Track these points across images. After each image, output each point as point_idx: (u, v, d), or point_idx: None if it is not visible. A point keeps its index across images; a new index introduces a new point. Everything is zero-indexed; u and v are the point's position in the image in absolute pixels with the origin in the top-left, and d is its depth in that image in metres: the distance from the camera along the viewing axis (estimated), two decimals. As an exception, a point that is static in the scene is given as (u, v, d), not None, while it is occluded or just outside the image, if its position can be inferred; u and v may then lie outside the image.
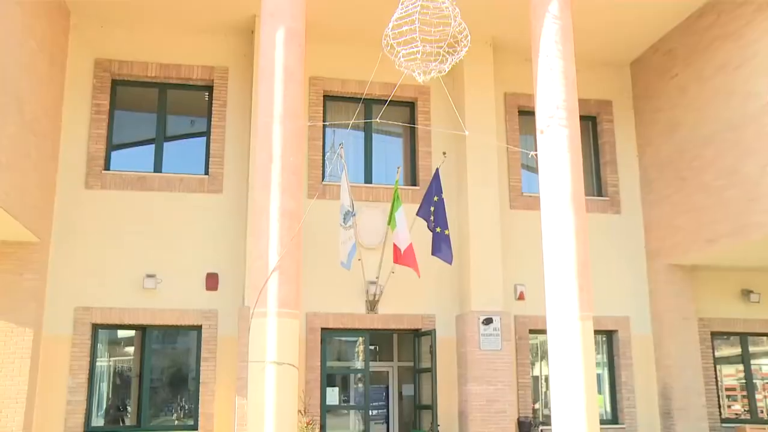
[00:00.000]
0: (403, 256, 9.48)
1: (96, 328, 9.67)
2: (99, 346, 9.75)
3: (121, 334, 10.11)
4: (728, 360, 11.56)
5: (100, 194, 9.93)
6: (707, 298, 11.31)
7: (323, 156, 10.65)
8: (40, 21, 9.00)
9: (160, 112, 10.53)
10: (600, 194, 11.72)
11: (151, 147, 10.46)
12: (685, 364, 10.78)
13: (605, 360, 11.19)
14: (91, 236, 9.76)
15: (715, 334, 11.37)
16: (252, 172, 9.53)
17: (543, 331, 8.49)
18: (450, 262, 9.71)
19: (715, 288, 11.38)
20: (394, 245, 9.70)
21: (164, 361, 10.00)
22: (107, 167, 10.15)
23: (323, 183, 10.38)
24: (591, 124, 12.00)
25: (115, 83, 10.42)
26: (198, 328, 9.86)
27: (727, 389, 11.44)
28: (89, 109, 10.13)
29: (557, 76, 7.38)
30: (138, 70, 10.36)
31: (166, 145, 10.50)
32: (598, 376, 11.05)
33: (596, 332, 9.88)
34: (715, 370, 11.27)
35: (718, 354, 11.44)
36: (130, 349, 10.12)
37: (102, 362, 9.82)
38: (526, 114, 11.34)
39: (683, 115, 10.74)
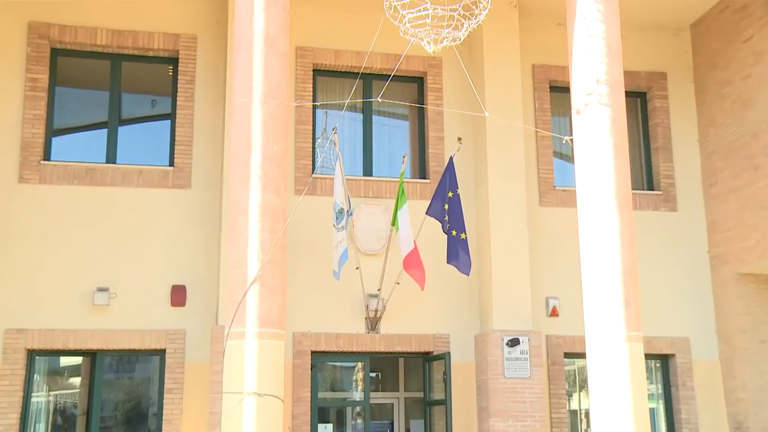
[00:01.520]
0: (404, 263, 9.55)
1: (32, 354, 9.69)
2: (36, 377, 9.78)
3: (65, 361, 10.17)
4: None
5: (37, 189, 9.97)
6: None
7: (313, 143, 10.72)
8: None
9: (113, 90, 10.58)
10: (651, 187, 11.79)
11: (103, 132, 10.51)
12: (764, 397, 10.66)
13: (660, 391, 11.25)
14: (27, 241, 9.79)
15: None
16: (227, 163, 9.59)
17: (581, 355, 8.50)
18: (467, 273, 9.78)
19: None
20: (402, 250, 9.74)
21: (119, 394, 10.06)
22: (47, 157, 10.21)
23: (313, 176, 10.44)
24: (640, 102, 12.06)
25: (56, 53, 10.45)
26: (161, 353, 9.93)
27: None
28: (22, 85, 10.11)
29: (597, 43, 7.42)
30: (84, 37, 10.41)
31: (122, 130, 10.56)
32: (651, 411, 11.06)
33: (648, 357, 9.92)
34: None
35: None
36: (76, 381, 10.19)
37: (39, 397, 9.84)
38: (560, 90, 11.40)
39: (758, 89, 10.66)
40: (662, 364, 11.27)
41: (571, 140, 7.52)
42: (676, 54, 12.07)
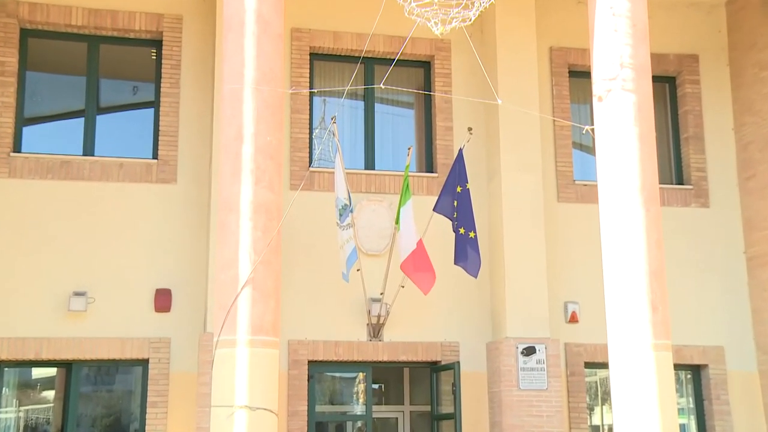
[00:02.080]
0: (404, 265, 9.55)
1: (0, 366, 9.72)
2: (4, 390, 9.80)
3: (38, 373, 10.21)
4: None
5: (7, 184, 10.00)
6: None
7: (310, 134, 10.74)
8: None
9: (91, 75, 10.61)
10: (680, 181, 11.80)
11: (79, 121, 10.53)
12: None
13: (691, 405, 11.26)
14: (-4, 241, 9.84)
15: None
16: (216, 156, 9.61)
17: (604, 365, 8.47)
18: (476, 274, 9.80)
19: None
20: (399, 250, 9.76)
21: (97, 409, 10.08)
22: (17, 148, 10.24)
23: (310, 169, 10.47)
24: (668, 87, 12.07)
25: (26, 34, 10.46)
26: (144, 363, 9.95)
27: None
28: (-11, 69, 10.16)
29: (621, 23, 7.42)
30: (58, 17, 10.42)
31: (100, 120, 10.59)
32: (682, 427, 11.09)
33: (677, 367, 9.88)
34: None
35: None
36: (50, 394, 10.21)
37: (8, 413, 9.87)
38: (580, 75, 11.41)
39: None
40: (693, 376, 11.27)
41: (592, 130, 7.52)
42: (709, 34, 12.05)
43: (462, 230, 9.70)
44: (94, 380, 10.14)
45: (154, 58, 10.81)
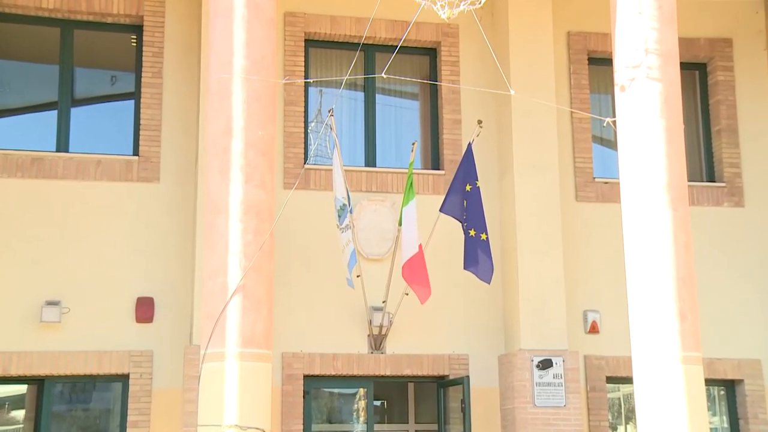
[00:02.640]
0: (405, 269, 9.54)
1: (-35, 383, 9.80)
2: (-29, 409, 9.90)
3: (6, 390, 10.20)
4: None
5: (-27, 184, 10.05)
6: None
7: (305, 128, 10.76)
8: None
9: (64, 64, 10.62)
10: (711, 178, 11.80)
11: (52, 114, 10.54)
12: None
13: (725, 425, 11.26)
14: (-40, 246, 9.84)
15: None
16: (203, 152, 9.60)
17: (628, 380, 8.49)
18: (488, 280, 9.81)
19: None
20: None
21: (72, 429, 10.07)
22: (-17, 144, 10.27)
23: (306, 166, 10.50)
24: (698, 75, 12.07)
25: (-7, 19, 10.50)
26: (123, 379, 9.96)
27: None
28: (-51, 58, 10.20)
29: (647, 5, 7.40)
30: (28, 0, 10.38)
31: (75, 113, 10.60)
32: (714, 448, 11.17)
33: (709, 382, 9.95)
34: None
35: None
36: (19, 414, 10.22)
37: (-25, 434, 9.94)
38: (600, 62, 11.45)
39: None
40: (727, 392, 11.28)
41: (614, 122, 7.51)
42: (744, 16, 12.02)
43: (473, 232, 9.70)
44: (69, 398, 10.15)
45: (135, 45, 10.83)
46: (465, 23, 10.82)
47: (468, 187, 9.83)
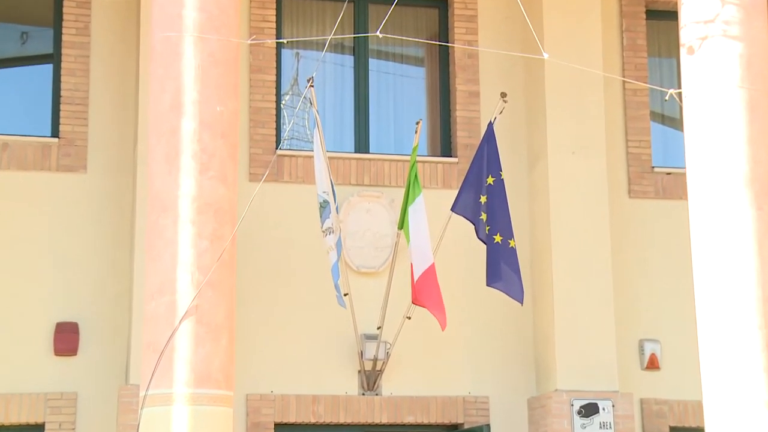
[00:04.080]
0: (416, 288, 9.56)
1: None
2: None
3: None
4: None
5: None
6: None
7: (278, 102, 10.75)
8: None
9: (-37, 18, 10.65)
10: (804, 168, 11.81)
11: (-54, 83, 10.60)
12: None
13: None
14: None
15: None
16: (143, 134, 9.50)
17: (698, 431, 8.49)
18: (521, 299, 9.81)
19: None
20: (412, 268, 9.77)
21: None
22: None
23: (278, 152, 10.49)
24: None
25: None
26: (37, 430, 9.92)
27: None
28: None
29: (723, -59, 7.43)
30: None
31: (-26, 81, 10.67)
32: None
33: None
34: None
35: None
36: None
37: None
38: (661, 17, 11.47)
39: None
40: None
41: (679, 95, 7.47)
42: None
43: (498, 237, 9.70)
44: (-32, 453, 10.12)
45: (55, -6, 10.84)
46: (484, -32, 10.92)
47: (489, 180, 9.83)
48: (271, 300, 10.22)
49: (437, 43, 11.15)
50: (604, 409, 10.12)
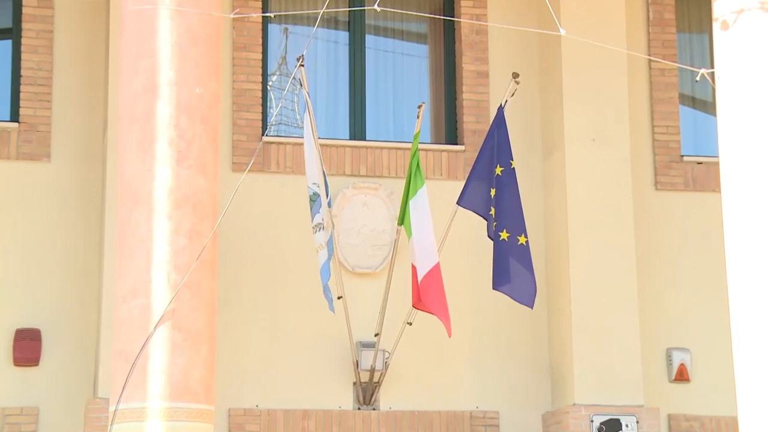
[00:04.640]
0: (420, 290, 9.59)
1: None
2: None
3: None
4: None
5: None
6: None
7: (264, 84, 10.78)
8: None
9: None
10: None
11: None
12: None
13: None
14: None
15: None
16: (114, 118, 9.44)
17: (731, 450, 8.62)
18: (531, 304, 9.81)
19: None
20: (413, 268, 9.79)
21: None
22: None
23: (265, 139, 10.52)
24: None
25: None
26: (-2, 447, 9.99)
27: None
28: None
29: None
30: None
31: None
32: None
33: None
34: None
35: None
36: None
37: None
38: (690, -10, 11.51)
39: None
40: None
41: (712, 75, 7.45)
42: None
43: (505, 234, 9.72)
44: None
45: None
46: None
47: (499, 170, 9.85)
48: (256, 304, 10.27)
49: (442, 17, 11.13)
50: (627, 425, 10.15)
